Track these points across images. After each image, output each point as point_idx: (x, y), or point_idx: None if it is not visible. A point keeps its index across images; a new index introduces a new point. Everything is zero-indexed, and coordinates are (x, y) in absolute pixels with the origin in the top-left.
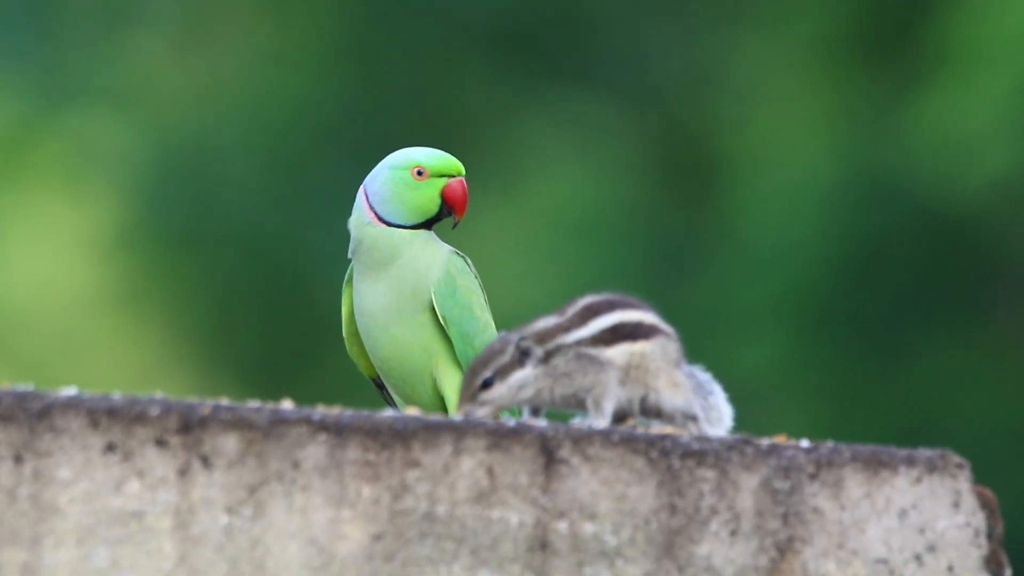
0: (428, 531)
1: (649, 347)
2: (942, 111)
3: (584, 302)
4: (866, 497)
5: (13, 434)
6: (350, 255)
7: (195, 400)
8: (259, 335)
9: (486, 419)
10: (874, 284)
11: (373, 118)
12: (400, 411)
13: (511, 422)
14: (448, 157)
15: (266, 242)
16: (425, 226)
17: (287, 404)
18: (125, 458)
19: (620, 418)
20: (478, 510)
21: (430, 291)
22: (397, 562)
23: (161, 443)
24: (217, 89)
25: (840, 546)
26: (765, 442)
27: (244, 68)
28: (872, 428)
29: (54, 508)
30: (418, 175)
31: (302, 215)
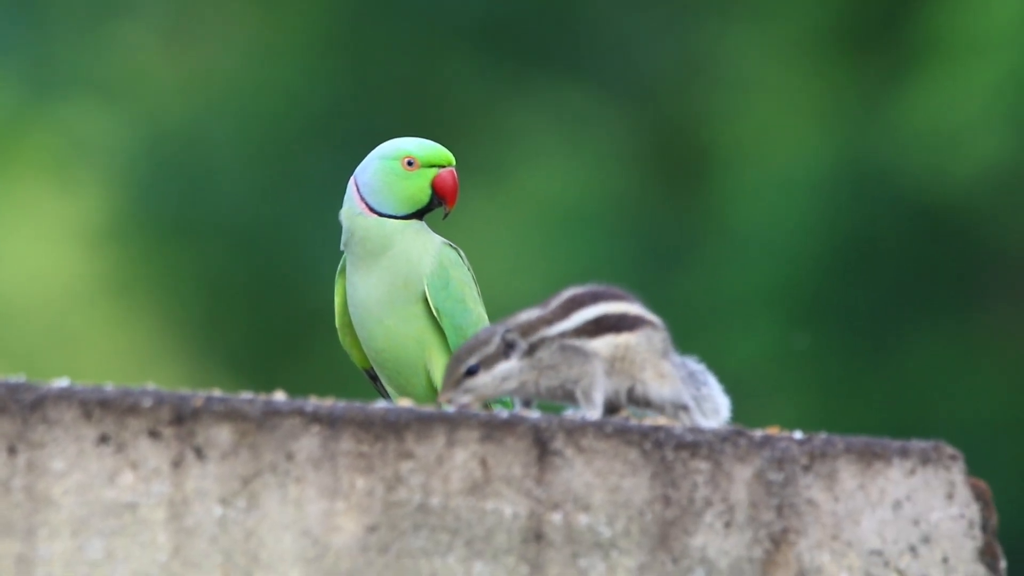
0: (422, 523)
1: (634, 339)
2: (931, 102)
3: (567, 294)
4: (860, 489)
5: (6, 425)
6: (342, 247)
7: (188, 391)
8: (251, 326)
9: (468, 408)
10: (864, 275)
11: (363, 109)
12: (393, 402)
13: (504, 413)
14: (438, 147)
15: (257, 233)
16: (416, 216)
17: (280, 396)
18: (118, 449)
19: (611, 409)
20: (472, 502)
21: (423, 282)
22: (391, 554)
23: (154, 434)
24: (207, 80)
25: (834, 537)
26: (759, 434)
27: (234, 59)
28: (864, 420)
29: (48, 500)
30: (408, 165)
31: (292, 206)
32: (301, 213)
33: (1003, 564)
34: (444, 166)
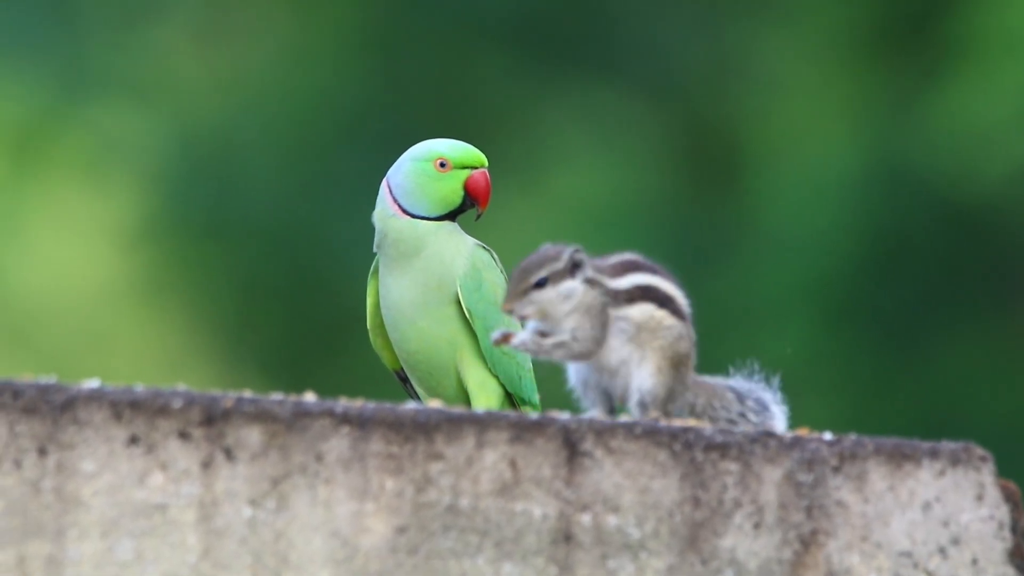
0: (451, 524)
1: (671, 320)
2: (962, 101)
3: (628, 257)
4: (890, 490)
5: (37, 426)
6: (375, 249)
7: (218, 392)
8: (282, 327)
9: (529, 317)
10: (895, 275)
11: (395, 110)
12: (423, 404)
13: (534, 415)
14: (471, 148)
15: (289, 234)
16: (448, 218)
17: (310, 396)
18: (148, 450)
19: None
20: (501, 503)
21: (456, 283)
22: (421, 555)
23: (184, 435)
24: (239, 81)
25: (864, 539)
26: (788, 435)
27: (266, 60)
28: (895, 420)
29: (78, 500)
30: (441, 167)
31: (324, 207)
32: (333, 214)
33: None
34: (477, 167)
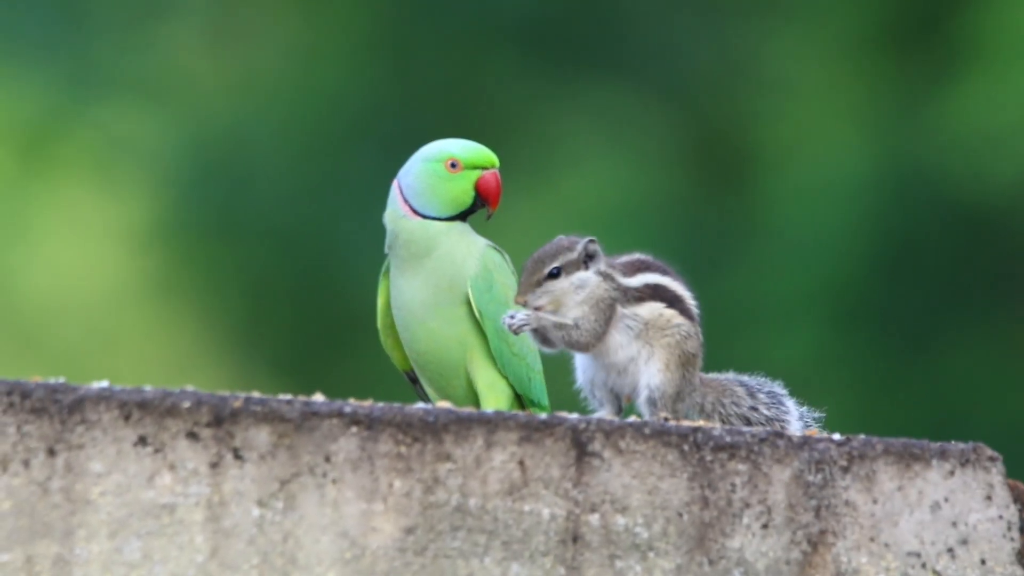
0: (460, 524)
1: (679, 319)
2: (973, 104)
3: (639, 256)
4: (898, 490)
5: (45, 427)
6: (386, 249)
7: (226, 393)
8: (291, 328)
9: (543, 308)
10: (905, 277)
11: (406, 111)
12: (432, 404)
13: (542, 415)
14: (482, 149)
15: (299, 235)
16: (459, 218)
17: (319, 397)
18: (157, 451)
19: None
20: (510, 503)
21: (467, 284)
22: (429, 555)
23: (193, 436)
24: (249, 82)
25: (872, 539)
26: (797, 435)
27: (276, 61)
28: (904, 421)
29: (86, 501)
30: (452, 167)
31: (335, 208)
32: (344, 215)
33: None
34: (487, 168)
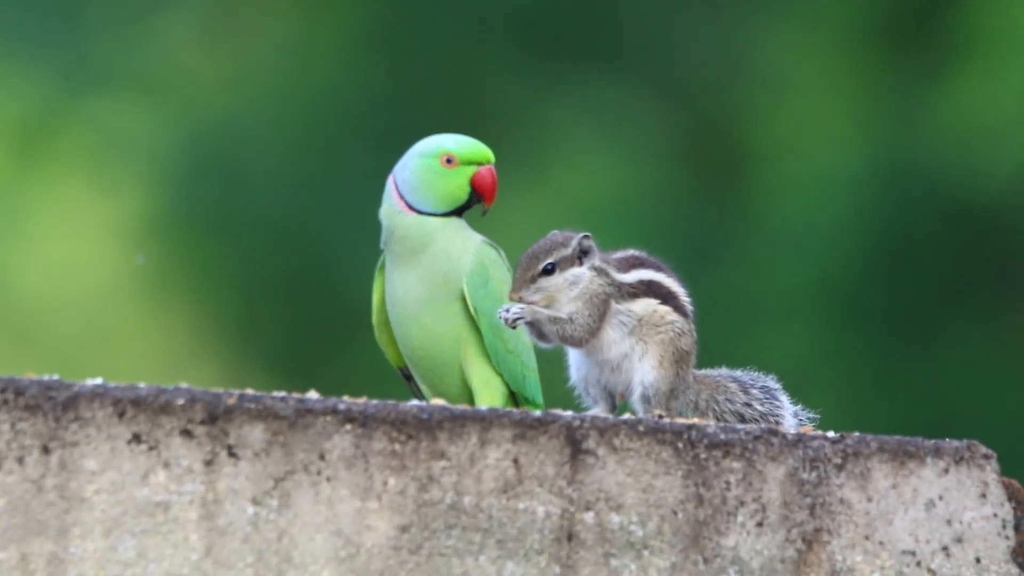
0: (454, 522)
1: (673, 316)
2: (968, 99)
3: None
4: (893, 488)
5: (39, 424)
6: (382, 245)
7: (221, 390)
8: (286, 325)
9: (537, 304)
10: (900, 273)
11: (401, 106)
12: (427, 402)
13: (537, 413)
14: (477, 144)
15: (294, 231)
16: (455, 214)
17: (313, 394)
18: (151, 448)
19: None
20: (504, 501)
21: (462, 280)
22: (423, 553)
23: (187, 433)
24: (245, 77)
25: (867, 537)
26: (792, 433)
27: (272, 56)
28: (900, 418)
29: (80, 498)
30: (447, 163)
31: (331, 204)
32: (339, 210)
33: None
34: (483, 163)
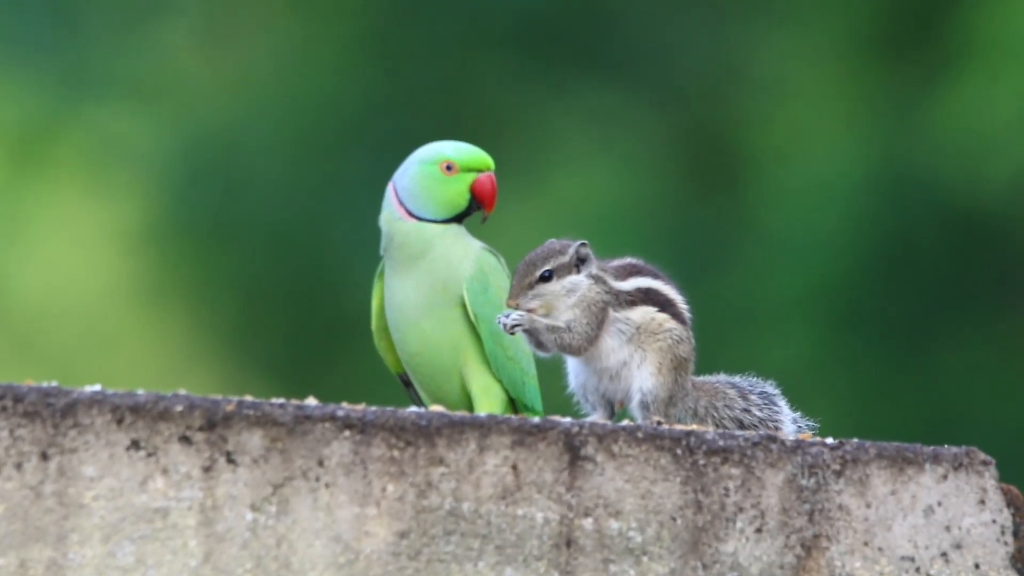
0: (453, 528)
1: (671, 324)
2: (966, 105)
3: (631, 261)
4: (892, 494)
5: (38, 431)
6: (382, 251)
7: (219, 397)
8: (285, 331)
9: (536, 311)
10: (899, 280)
11: (399, 112)
12: (425, 408)
13: (535, 419)
14: (477, 152)
15: (293, 237)
16: (454, 221)
17: (311, 401)
18: (150, 455)
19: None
20: (503, 507)
21: (462, 286)
22: (422, 559)
23: (185, 440)
24: (243, 83)
25: (866, 543)
26: (790, 439)
27: (270, 62)
28: (897, 424)
29: (79, 505)
30: (447, 170)
31: (329, 210)
32: (337, 216)
33: None
34: (483, 170)
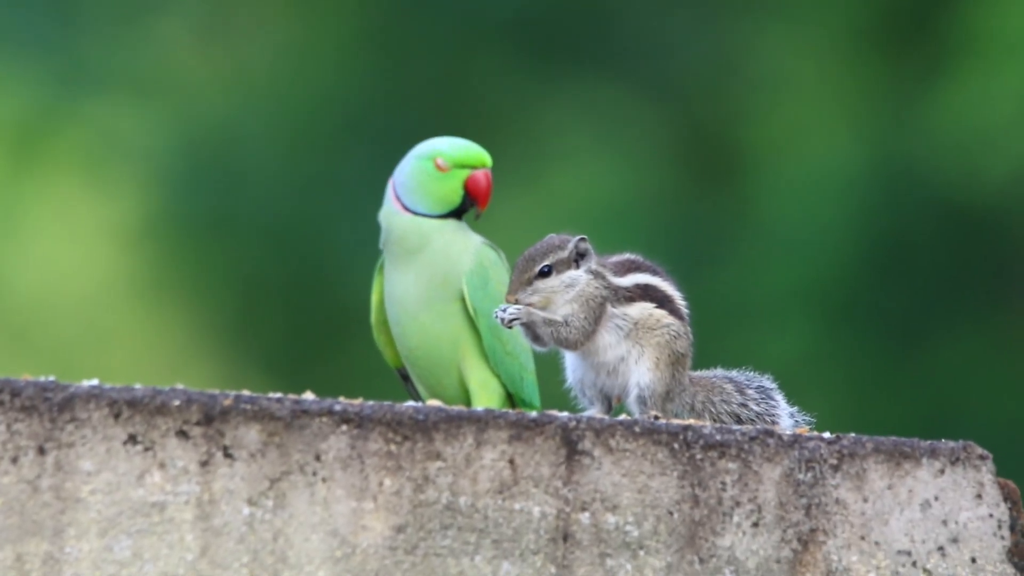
0: (450, 523)
1: (669, 319)
2: (964, 101)
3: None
4: (889, 489)
5: (35, 425)
6: (381, 246)
7: (216, 391)
8: (282, 326)
9: (534, 307)
10: (896, 275)
11: (397, 107)
12: (423, 403)
13: (533, 413)
14: (472, 148)
15: (289, 232)
16: (450, 216)
17: (309, 395)
18: (147, 449)
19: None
20: (500, 502)
21: (461, 280)
22: (419, 553)
23: (183, 434)
24: (241, 78)
25: (863, 538)
26: (787, 433)
27: (268, 57)
28: (894, 419)
29: (76, 499)
30: (441, 166)
31: (326, 205)
32: (335, 211)
33: None
34: (477, 167)
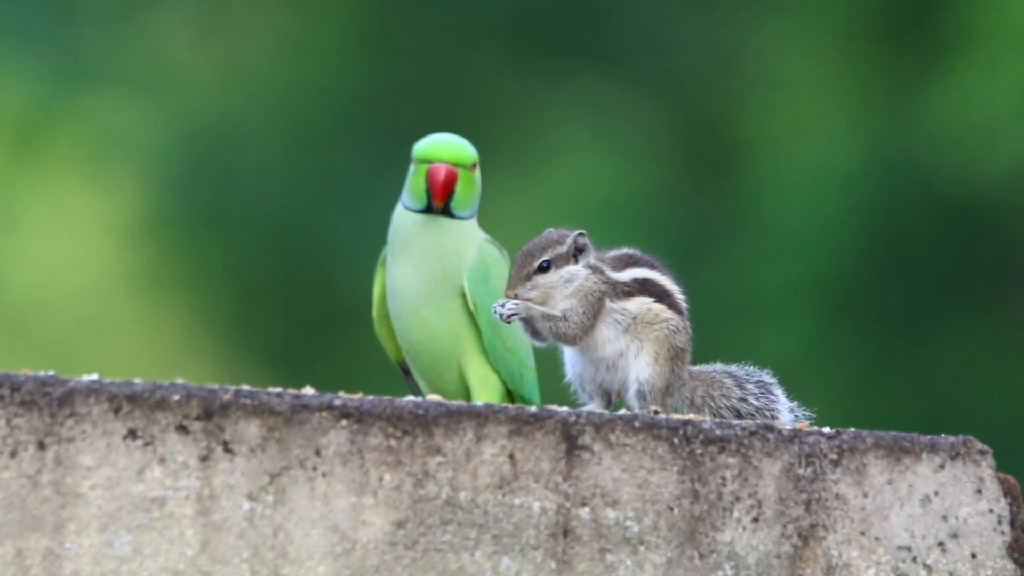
0: (450, 518)
1: (668, 314)
2: (963, 96)
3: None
4: (889, 484)
5: (35, 420)
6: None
7: (216, 386)
8: (281, 321)
9: (533, 302)
10: (895, 270)
11: (394, 103)
12: (423, 398)
13: (533, 408)
14: (435, 142)
15: (288, 227)
16: (444, 214)
17: (308, 390)
18: (147, 444)
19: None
20: (500, 497)
21: (463, 276)
22: (419, 549)
23: (183, 429)
24: (239, 74)
25: (863, 533)
26: (787, 428)
27: (266, 53)
28: (894, 415)
29: (76, 494)
30: (413, 160)
31: (324, 200)
32: (333, 207)
33: None
34: (435, 161)
